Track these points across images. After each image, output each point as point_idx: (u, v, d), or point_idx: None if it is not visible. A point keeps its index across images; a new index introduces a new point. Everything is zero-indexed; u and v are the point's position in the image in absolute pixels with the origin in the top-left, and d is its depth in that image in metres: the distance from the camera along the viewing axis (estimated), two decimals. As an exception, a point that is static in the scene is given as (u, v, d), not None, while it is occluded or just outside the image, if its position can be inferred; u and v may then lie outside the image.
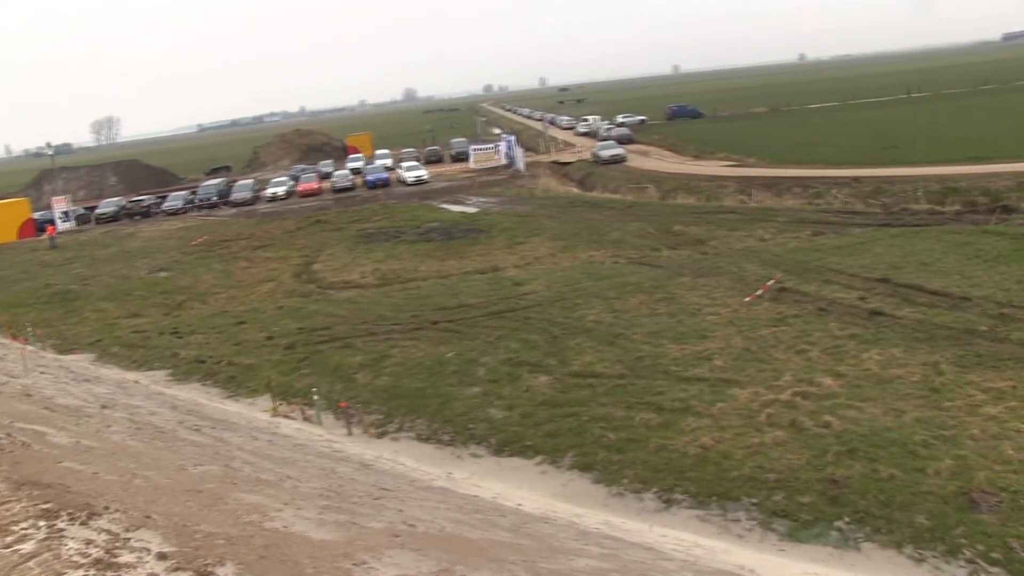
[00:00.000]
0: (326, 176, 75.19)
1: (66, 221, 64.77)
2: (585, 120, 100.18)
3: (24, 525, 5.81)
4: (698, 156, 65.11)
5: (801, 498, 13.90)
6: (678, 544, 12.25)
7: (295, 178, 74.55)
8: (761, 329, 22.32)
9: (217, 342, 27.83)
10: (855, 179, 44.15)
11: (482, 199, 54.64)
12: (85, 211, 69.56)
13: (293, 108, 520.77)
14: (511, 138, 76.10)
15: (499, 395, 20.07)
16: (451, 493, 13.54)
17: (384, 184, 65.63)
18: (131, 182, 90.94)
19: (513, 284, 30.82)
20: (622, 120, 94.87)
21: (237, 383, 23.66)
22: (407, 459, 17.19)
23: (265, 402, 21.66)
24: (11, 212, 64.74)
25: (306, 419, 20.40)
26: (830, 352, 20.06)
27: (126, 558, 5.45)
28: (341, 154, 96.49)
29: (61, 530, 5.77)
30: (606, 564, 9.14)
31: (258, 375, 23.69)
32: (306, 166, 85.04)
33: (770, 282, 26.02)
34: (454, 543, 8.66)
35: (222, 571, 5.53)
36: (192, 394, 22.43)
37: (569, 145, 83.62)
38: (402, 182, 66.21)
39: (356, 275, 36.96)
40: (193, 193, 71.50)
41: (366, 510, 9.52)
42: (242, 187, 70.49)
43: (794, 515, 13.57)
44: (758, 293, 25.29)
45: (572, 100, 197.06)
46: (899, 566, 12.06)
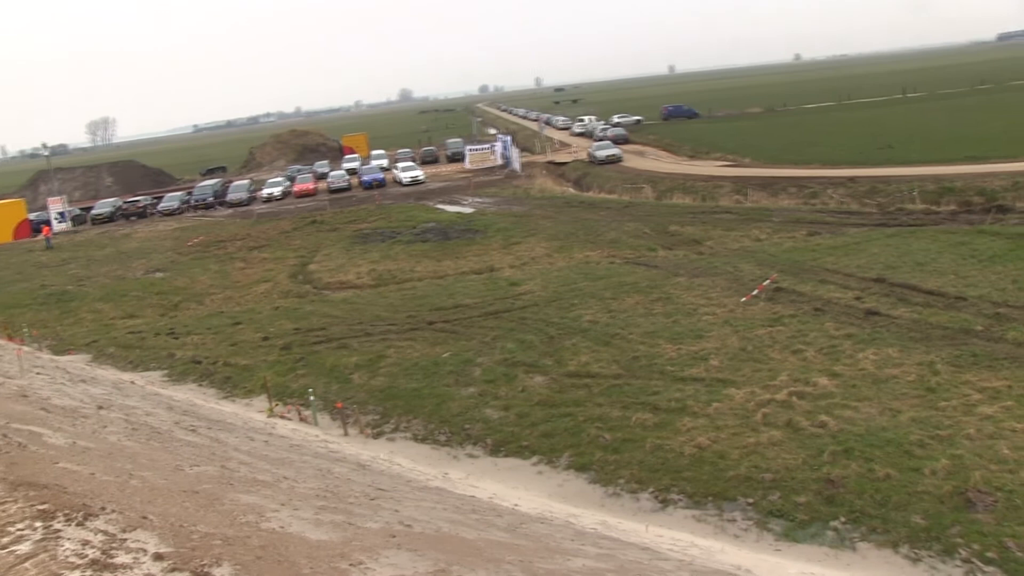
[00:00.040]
0: (322, 177, 75.21)
1: (62, 222, 64.79)
2: (581, 120, 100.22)
3: (20, 526, 5.80)
4: (694, 156, 65.18)
5: (797, 498, 13.91)
6: (674, 544, 12.25)
7: (291, 179, 74.72)
8: (757, 329, 22.34)
9: (213, 343, 27.83)
10: (851, 179, 44.23)
11: (478, 199, 54.66)
12: (81, 212, 69.57)
13: (289, 108, 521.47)
14: (507, 138, 76.24)
15: (495, 395, 20.07)
16: (447, 493, 13.53)
17: (380, 184, 65.69)
18: (127, 183, 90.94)
19: (509, 284, 30.82)
20: (618, 120, 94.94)
21: (233, 384, 23.68)
22: (403, 459, 17.19)
23: (261, 403, 21.66)
24: (7, 213, 64.81)
25: (302, 420, 20.40)
26: (826, 352, 20.08)
27: (122, 559, 5.44)
28: (337, 154, 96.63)
29: (57, 531, 5.75)
30: (603, 564, 9.14)
31: (254, 376, 23.70)
32: (302, 167, 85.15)
33: (766, 282, 26.03)
34: (450, 543, 8.65)
35: (219, 571, 5.53)
36: (188, 395, 22.42)
37: (565, 145, 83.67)
38: (398, 182, 66.28)
39: (352, 276, 36.95)
40: (189, 194, 71.57)
41: (362, 510, 9.52)
42: (238, 188, 70.51)
43: (790, 515, 13.58)
44: (754, 293, 25.30)
45: (568, 100, 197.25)
46: (895, 566, 12.08)
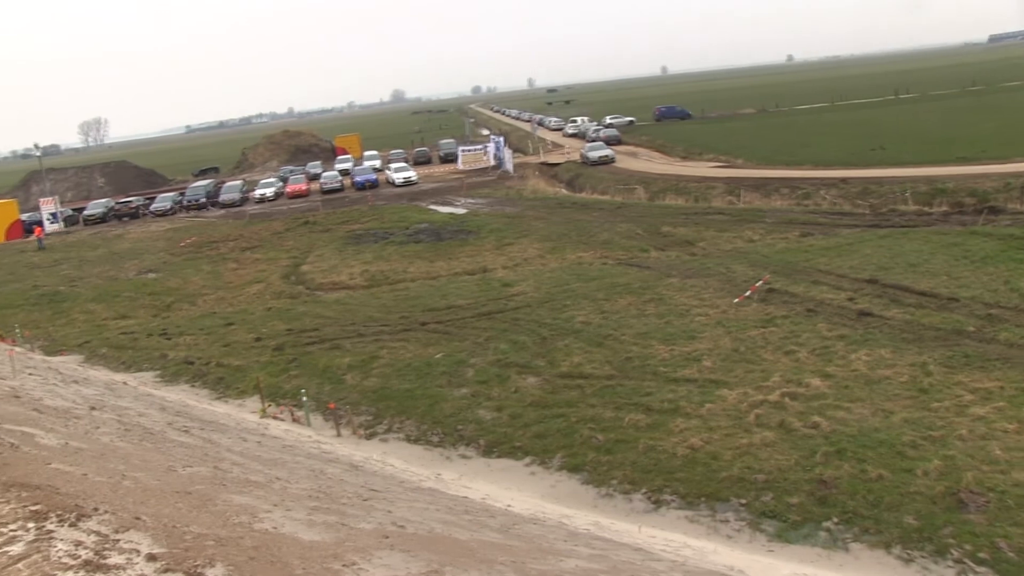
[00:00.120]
0: (314, 177, 75.19)
1: (54, 222, 64.55)
2: (573, 121, 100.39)
3: (13, 527, 5.79)
4: (686, 157, 65.25)
5: (790, 499, 13.94)
6: (667, 545, 12.26)
7: (283, 179, 74.61)
8: (750, 330, 22.37)
9: (206, 343, 27.77)
10: (843, 180, 44.33)
11: (471, 200, 54.66)
12: (73, 212, 69.33)
13: (281, 109, 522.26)
14: (499, 139, 76.17)
15: (488, 396, 20.06)
16: (440, 494, 13.53)
17: (373, 185, 65.65)
18: (119, 183, 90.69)
19: (502, 285, 30.82)
20: (610, 121, 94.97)
21: (226, 384, 23.64)
22: (396, 460, 17.18)
23: (254, 403, 21.63)
24: (-1, 213, 64.55)
25: (295, 420, 20.38)
26: (818, 353, 20.12)
27: (115, 559, 5.43)
28: (329, 155, 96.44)
29: (50, 532, 5.75)
30: (595, 565, 9.15)
31: (247, 376, 23.65)
32: (294, 167, 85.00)
33: (759, 283, 26.08)
34: (443, 544, 8.66)
35: (212, 572, 5.53)
36: (181, 395, 22.39)
37: (557, 146, 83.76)
38: (391, 183, 66.24)
39: (345, 276, 36.91)
40: (181, 194, 71.34)
41: (355, 511, 9.51)
42: (230, 188, 70.37)
43: (783, 516, 13.60)
44: (747, 294, 25.34)
45: (560, 101, 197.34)
46: (887, 566, 12.10)
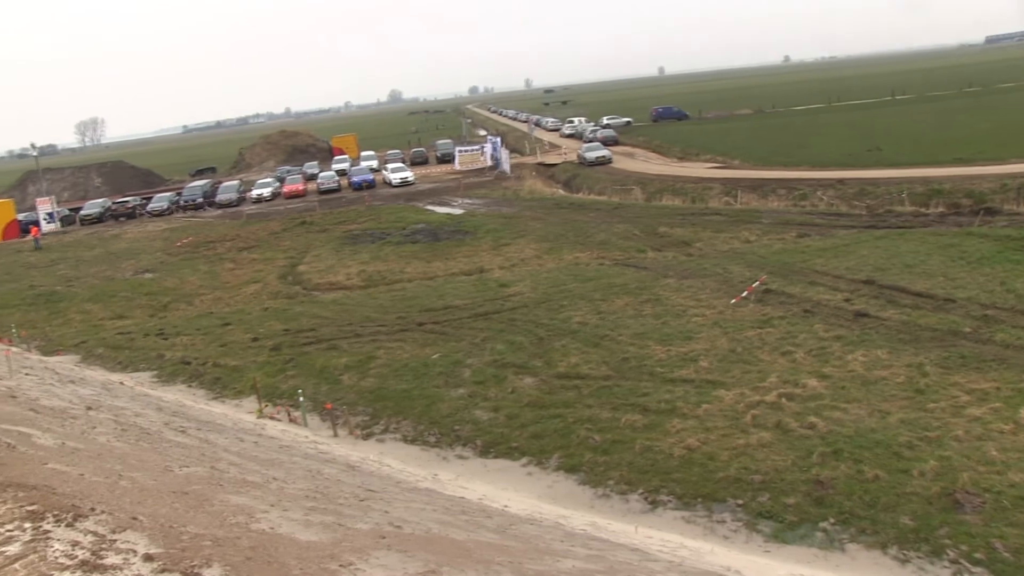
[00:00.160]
0: (311, 177, 75.08)
1: (51, 222, 64.45)
2: (570, 122, 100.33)
3: (9, 527, 5.78)
4: (683, 158, 65.25)
5: (786, 499, 13.95)
6: (664, 545, 12.27)
7: (280, 179, 74.56)
8: (746, 331, 22.38)
9: (203, 343, 27.75)
10: (840, 181, 44.35)
11: (468, 201, 54.65)
12: (70, 212, 69.22)
13: (278, 109, 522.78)
14: (497, 140, 76.16)
15: (485, 397, 20.07)
16: (437, 494, 13.53)
17: (370, 185, 65.58)
18: (116, 183, 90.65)
19: (499, 286, 30.82)
20: (607, 122, 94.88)
21: (223, 385, 23.63)
22: (393, 461, 17.18)
23: (251, 403, 21.62)
24: (-5, 213, 64.44)
25: (292, 421, 20.37)
26: (815, 354, 20.14)
27: (112, 560, 5.43)
28: (326, 155, 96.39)
29: (47, 532, 5.75)
30: (592, 565, 9.15)
31: (244, 377, 23.64)
32: (291, 167, 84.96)
33: (755, 284, 26.10)
34: (440, 544, 8.66)
35: (208, 572, 5.53)
36: (177, 395, 22.37)
37: (555, 147, 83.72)
38: (388, 183, 66.20)
39: (342, 276, 36.89)
40: (178, 194, 71.27)
41: (352, 511, 9.51)
42: (227, 188, 70.29)
43: (779, 516, 13.62)
44: (743, 295, 25.35)
45: (557, 102, 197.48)
46: (884, 567, 12.12)
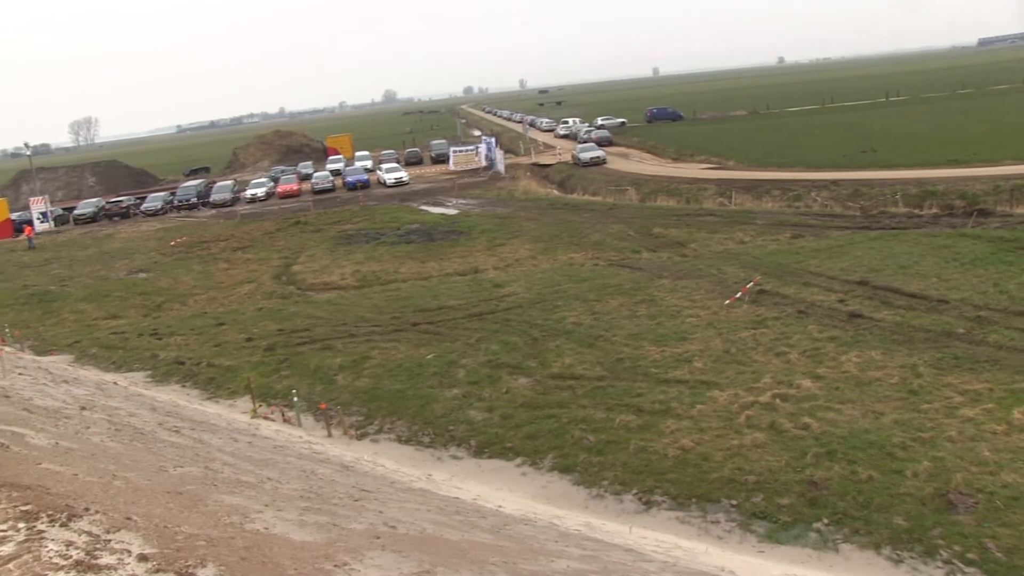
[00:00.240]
0: (306, 177, 75.08)
1: (44, 222, 64.30)
2: (565, 122, 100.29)
3: (3, 527, 5.77)
4: (678, 159, 65.30)
5: (780, 500, 13.97)
6: (658, 545, 12.28)
7: (275, 179, 74.54)
8: (741, 331, 22.41)
9: (197, 343, 27.72)
10: (834, 182, 44.45)
11: (462, 201, 54.66)
12: (63, 212, 69.10)
13: (272, 109, 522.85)
14: (491, 140, 76.22)
15: (479, 397, 20.07)
16: (431, 495, 13.53)
17: (364, 186, 65.58)
18: (110, 183, 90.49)
19: (493, 286, 30.82)
20: (602, 122, 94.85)
21: (217, 385, 23.59)
22: (387, 461, 17.17)
23: (245, 404, 21.60)
24: (-11, 213, 64.35)
25: (286, 421, 20.35)
26: (809, 354, 20.16)
27: (107, 560, 5.42)
28: (321, 155, 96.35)
29: (41, 532, 5.73)
30: (587, 566, 9.16)
31: (238, 377, 23.61)
32: (286, 167, 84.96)
33: (750, 284, 26.13)
34: (435, 544, 8.66)
35: (203, 572, 5.52)
36: (171, 395, 22.33)
37: (549, 147, 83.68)
38: (382, 184, 66.23)
39: (336, 277, 36.88)
40: (172, 194, 71.23)
41: (347, 511, 9.51)
42: (221, 188, 70.19)
43: (773, 516, 13.63)
44: (738, 295, 25.38)
45: (552, 102, 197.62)
46: (877, 567, 12.14)
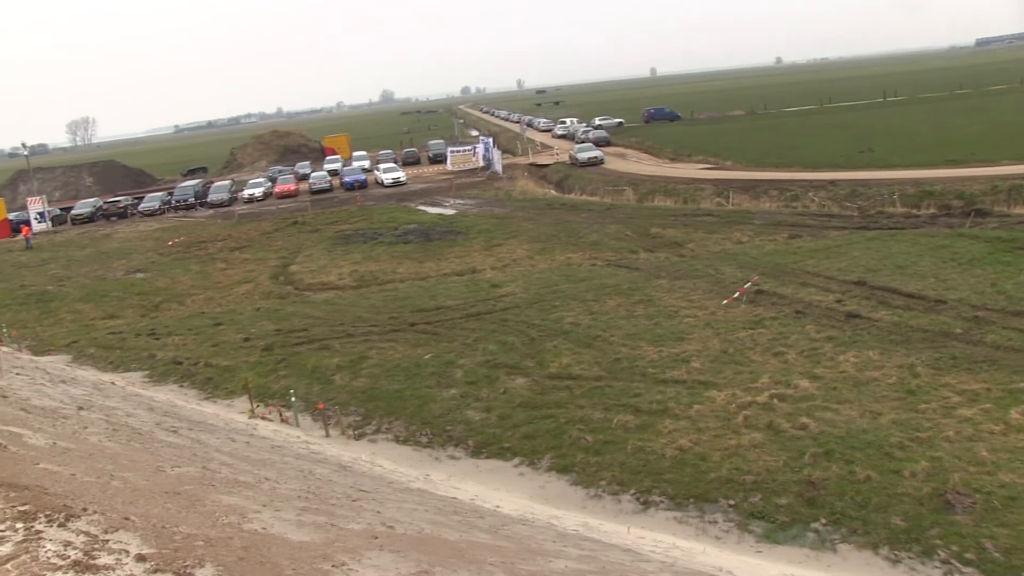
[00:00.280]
0: (303, 177, 75.09)
1: (42, 222, 64.21)
2: (562, 122, 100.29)
3: (1, 527, 5.76)
4: (675, 159, 65.31)
5: (778, 500, 13.98)
6: (656, 546, 12.27)
7: (272, 179, 74.52)
8: (738, 331, 22.42)
9: (194, 343, 27.69)
10: (831, 182, 44.46)
11: (460, 201, 54.66)
12: (61, 212, 69.08)
13: (270, 109, 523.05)
14: (489, 140, 76.21)
15: (477, 397, 20.06)
16: (429, 495, 13.52)
17: (362, 186, 65.56)
18: (107, 183, 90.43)
19: (491, 286, 30.82)
20: (599, 123, 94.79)
21: (214, 385, 23.58)
22: (385, 461, 17.16)
23: (242, 404, 21.59)
24: (-14, 213, 64.30)
25: (284, 421, 20.34)
26: (807, 354, 20.17)
27: (105, 560, 5.41)
28: (318, 155, 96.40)
29: (39, 532, 5.72)
30: (585, 566, 9.15)
31: (235, 377, 23.60)
32: (283, 167, 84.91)
33: (747, 285, 26.14)
34: (433, 544, 8.65)
35: (201, 573, 5.51)
36: (169, 396, 22.31)
37: (547, 147, 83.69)
38: (380, 184, 66.23)
39: (334, 277, 36.87)
40: (170, 194, 71.19)
41: (344, 511, 9.50)
42: (219, 188, 70.18)
43: (771, 517, 13.64)
44: (735, 296, 25.39)
45: (549, 102, 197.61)
46: (875, 567, 12.14)
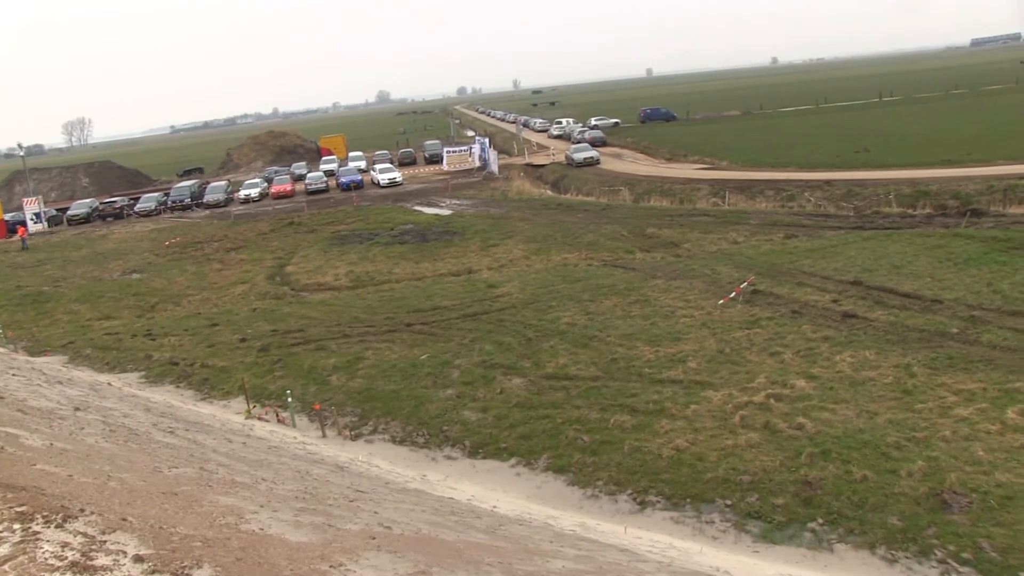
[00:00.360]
0: (299, 178, 74.96)
1: (38, 223, 64.12)
2: (558, 123, 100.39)
3: (-2, 528, 5.75)
4: (671, 159, 65.37)
5: (775, 500, 13.99)
6: (653, 546, 12.28)
7: (268, 180, 74.44)
8: (735, 331, 22.44)
9: (190, 344, 27.66)
10: (827, 182, 44.52)
11: (456, 201, 54.64)
12: (57, 212, 68.91)
13: (266, 110, 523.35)
14: (485, 140, 76.14)
15: (473, 397, 20.06)
16: (426, 495, 13.52)
17: (358, 186, 65.52)
18: (103, 183, 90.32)
19: (487, 286, 30.82)
20: (595, 123, 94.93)
21: (211, 385, 23.56)
22: (381, 461, 17.16)
23: (239, 404, 21.57)
24: (-19, 214, 64.15)
25: (280, 421, 20.33)
26: (803, 354, 20.19)
27: (102, 560, 5.40)
28: (314, 156, 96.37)
29: (36, 533, 5.71)
30: (582, 566, 9.15)
31: (232, 377, 23.58)
32: (279, 168, 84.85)
33: (743, 285, 26.16)
34: (430, 545, 8.65)
35: (199, 573, 5.50)
36: (166, 396, 22.29)
37: (543, 148, 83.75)
38: (376, 184, 66.21)
39: (330, 277, 36.84)
40: (166, 195, 71.06)
41: (342, 512, 9.49)
42: (215, 189, 70.08)
43: (768, 516, 13.66)
44: (732, 296, 25.41)
45: (545, 103, 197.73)
46: (872, 567, 12.16)
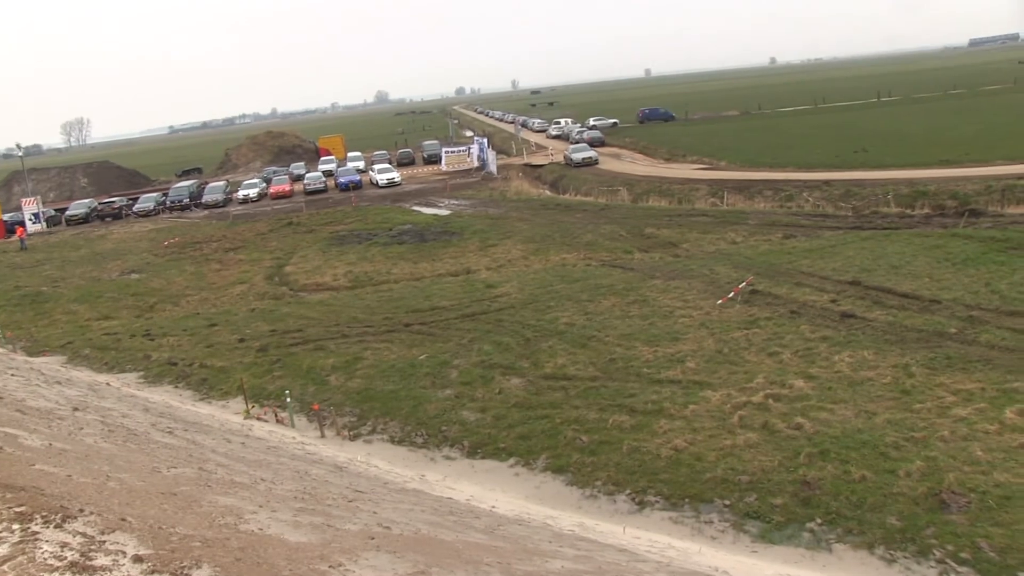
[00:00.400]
0: (298, 178, 74.96)
1: (36, 223, 64.13)
2: (557, 123, 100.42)
3: (-3, 528, 5.75)
4: (670, 159, 65.39)
5: (773, 500, 14.00)
6: (652, 546, 12.29)
7: (267, 180, 74.45)
8: (733, 331, 22.44)
9: (189, 344, 27.66)
10: (826, 182, 44.55)
11: (454, 201, 54.64)
12: (55, 213, 68.91)
13: (265, 110, 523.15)
14: (483, 141, 76.16)
15: (472, 397, 20.07)
16: (425, 495, 13.52)
17: (356, 186, 65.49)
18: (102, 184, 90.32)
19: (486, 286, 30.82)
20: (594, 123, 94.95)
21: (209, 385, 23.56)
22: (380, 461, 17.17)
23: (238, 404, 21.57)
24: (-21, 214, 64.19)
25: (279, 421, 20.33)
26: (802, 354, 20.20)
27: (102, 561, 5.40)
28: (313, 156, 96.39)
29: (35, 533, 5.71)
30: (581, 566, 9.15)
31: (230, 377, 23.58)
32: (278, 168, 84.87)
33: (742, 285, 26.16)
34: (429, 545, 8.65)
35: (198, 573, 5.50)
36: (164, 396, 22.28)
37: (541, 148, 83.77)
38: (374, 184, 66.21)
39: (328, 277, 36.84)
40: (164, 195, 71.07)
41: (341, 512, 9.49)
42: (214, 189, 70.10)
43: (767, 516, 13.67)
44: (730, 296, 25.42)
45: (544, 103, 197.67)
46: (871, 567, 12.17)
